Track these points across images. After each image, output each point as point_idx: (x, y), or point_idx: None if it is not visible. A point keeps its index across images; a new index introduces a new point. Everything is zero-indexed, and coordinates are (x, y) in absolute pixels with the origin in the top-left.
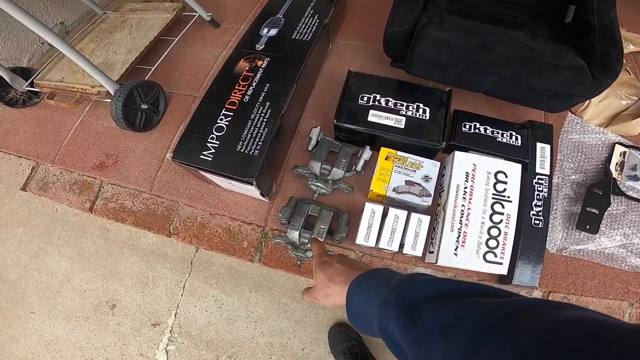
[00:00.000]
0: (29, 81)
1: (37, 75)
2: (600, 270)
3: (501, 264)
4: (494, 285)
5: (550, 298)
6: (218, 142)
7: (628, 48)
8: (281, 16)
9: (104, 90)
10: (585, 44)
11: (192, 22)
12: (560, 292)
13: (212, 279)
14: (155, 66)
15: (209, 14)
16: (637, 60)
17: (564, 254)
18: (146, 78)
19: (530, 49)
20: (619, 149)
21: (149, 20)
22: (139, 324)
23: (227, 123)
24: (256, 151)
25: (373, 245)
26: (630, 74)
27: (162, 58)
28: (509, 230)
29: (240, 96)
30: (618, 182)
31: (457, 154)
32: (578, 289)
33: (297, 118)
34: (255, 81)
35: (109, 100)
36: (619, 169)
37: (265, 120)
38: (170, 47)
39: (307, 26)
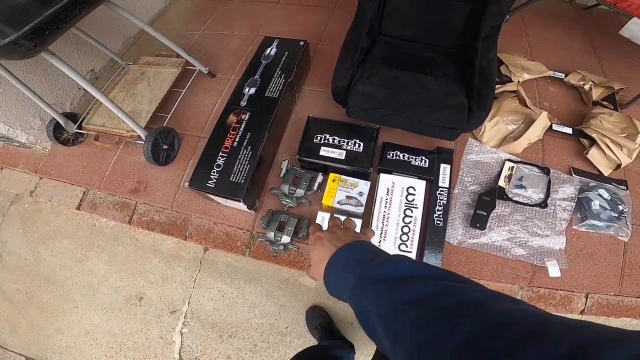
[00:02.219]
0: (77, 124)
1: (83, 119)
2: (493, 259)
3: (411, 252)
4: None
5: None
6: (218, 175)
7: (522, 76)
8: (258, 77)
9: (136, 134)
10: (469, 83)
11: (194, 75)
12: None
13: (216, 274)
14: (170, 114)
15: (206, 67)
16: (538, 85)
17: (463, 246)
18: (164, 124)
19: (428, 93)
20: (508, 164)
21: (162, 74)
22: (160, 312)
23: (223, 162)
24: (242, 180)
25: None
26: (517, 102)
27: (174, 107)
28: (416, 228)
29: (231, 142)
30: (506, 190)
31: (382, 176)
32: (477, 274)
33: (273, 153)
34: (240, 131)
35: (140, 142)
36: (508, 180)
37: (247, 159)
38: (180, 97)
39: (276, 85)
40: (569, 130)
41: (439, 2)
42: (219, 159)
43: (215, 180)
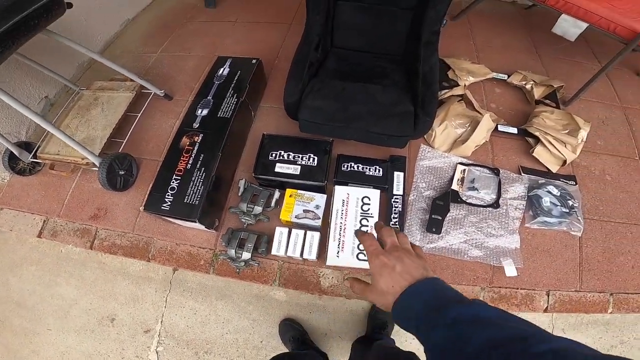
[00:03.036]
0: (32, 154)
1: (38, 148)
2: (452, 262)
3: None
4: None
5: None
6: (172, 198)
7: (468, 80)
8: (210, 98)
9: (91, 161)
10: (414, 90)
11: (149, 98)
12: None
13: (187, 293)
14: (125, 139)
15: (162, 90)
16: (485, 88)
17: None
18: (120, 150)
19: (376, 103)
20: (460, 167)
21: (116, 99)
22: (134, 332)
23: (177, 185)
24: (196, 201)
25: (284, 254)
26: (464, 105)
27: (130, 132)
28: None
29: (185, 165)
30: (460, 193)
31: (337, 188)
32: None
33: (232, 172)
34: (194, 153)
35: (96, 169)
36: (461, 183)
37: (201, 180)
38: (135, 122)
39: (228, 105)
40: (514, 130)
41: (383, 11)
42: (173, 182)
43: (169, 203)
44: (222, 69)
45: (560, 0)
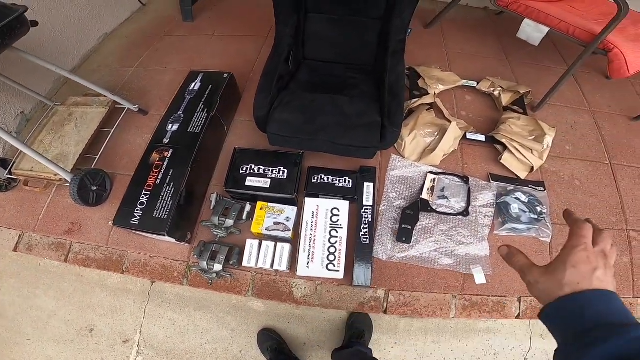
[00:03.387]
0: (8, 170)
1: (13, 165)
2: (423, 271)
3: (338, 271)
4: None
5: (389, 294)
6: (141, 212)
7: (438, 88)
8: (181, 113)
9: (63, 178)
10: (381, 100)
11: (123, 113)
12: (396, 290)
13: (165, 304)
14: (98, 155)
15: (136, 105)
16: (455, 95)
17: (393, 260)
18: (93, 165)
19: (343, 114)
20: (430, 176)
21: (89, 114)
22: (113, 342)
23: (146, 200)
24: (165, 215)
25: (254, 265)
26: (433, 114)
27: (102, 148)
28: (342, 247)
29: (154, 180)
30: (430, 202)
31: (307, 200)
32: (409, 287)
33: (206, 185)
34: (163, 168)
35: (68, 184)
36: (431, 192)
37: (170, 195)
38: (108, 138)
39: (199, 120)
40: (482, 138)
41: (353, 22)
42: (142, 197)
43: (139, 218)
44: (193, 84)
45: (522, 5)
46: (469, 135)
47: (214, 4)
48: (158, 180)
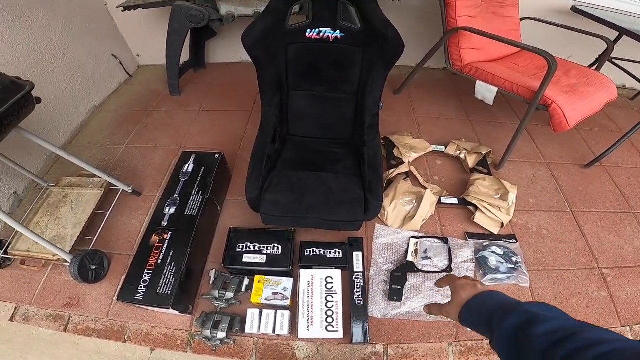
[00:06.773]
0: (3, 250)
1: (9, 245)
2: (417, 324)
3: (338, 331)
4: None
5: (388, 348)
6: (145, 289)
7: (411, 156)
8: (177, 196)
9: (62, 258)
10: (363, 174)
11: (118, 195)
12: (394, 343)
13: None
14: (96, 236)
15: (130, 187)
16: (427, 161)
17: (388, 317)
18: (91, 246)
19: (329, 192)
20: (412, 241)
21: (85, 196)
22: None
23: (149, 278)
24: (168, 291)
25: (257, 332)
26: (409, 182)
27: (100, 229)
28: (339, 310)
29: (155, 260)
30: (415, 263)
31: (302, 272)
32: (405, 339)
33: (203, 262)
34: (164, 249)
35: (67, 264)
36: (415, 254)
37: (172, 274)
38: (105, 220)
39: (194, 202)
40: (455, 201)
41: (331, 98)
42: (145, 275)
43: (143, 293)
44: (187, 165)
45: (472, 67)
46: (443, 200)
47: (199, 77)
48: (159, 261)
